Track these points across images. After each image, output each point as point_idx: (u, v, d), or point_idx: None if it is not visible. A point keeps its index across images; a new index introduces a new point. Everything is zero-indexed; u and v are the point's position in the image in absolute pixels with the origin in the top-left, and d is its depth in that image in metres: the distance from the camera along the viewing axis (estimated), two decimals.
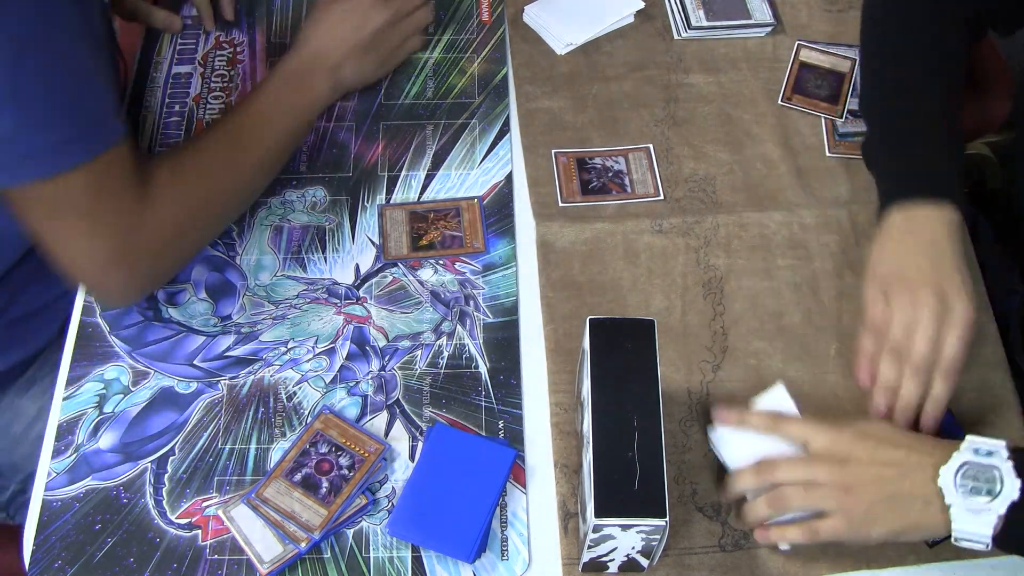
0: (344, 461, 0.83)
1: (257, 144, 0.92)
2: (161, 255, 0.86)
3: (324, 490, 0.81)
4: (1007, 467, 0.72)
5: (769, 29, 1.13)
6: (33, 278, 1.00)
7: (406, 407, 0.88)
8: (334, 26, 1.00)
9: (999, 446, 0.73)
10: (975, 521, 0.72)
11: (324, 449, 0.83)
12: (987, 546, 0.72)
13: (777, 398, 0.84)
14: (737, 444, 0.83)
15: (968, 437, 0.74)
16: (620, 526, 0.70)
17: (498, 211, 0.99)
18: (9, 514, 1.05)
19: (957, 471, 0.72)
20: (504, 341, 0.91)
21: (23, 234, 0.83)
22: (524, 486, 0.84)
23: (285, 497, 0.81)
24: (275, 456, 0.85)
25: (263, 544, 0.80)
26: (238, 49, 1.12)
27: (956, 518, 0.72)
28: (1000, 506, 0.71)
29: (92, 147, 0.78)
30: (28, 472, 1.00)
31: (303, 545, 0.79)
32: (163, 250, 0.86)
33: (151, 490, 0.84)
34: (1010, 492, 0.71)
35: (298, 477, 0.82)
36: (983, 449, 0.73)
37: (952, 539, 0.73)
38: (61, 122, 0.76)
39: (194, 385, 0.89)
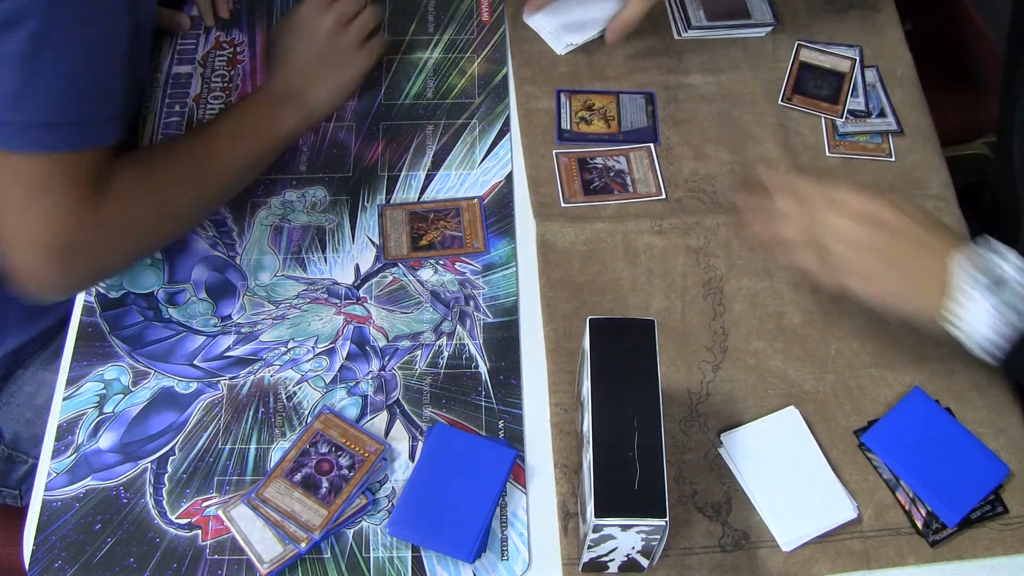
0: (344, 461, 0.83)
1: (221, 164, 0.92)
2: (103, 256, 0.85)
3: (324, 490, 0.81)
4: (1015, 267, 0.75)
5: (769, 29, 1.13)
6: None
7: (406, 407, 0.88)
8: (288, 50, 1.00)
9: (1013, 255, 0.76)
10: (970, 309, 0.76)
11: (324, 449, 0.83)
12: (973, 340, 0.77)
13: (788, 420, 0.85)
14: (750, 451, 0.84)
15: (987, 237, 0.78)
16: (620, 526, 0.70)
17: (498, 211, 0.99)
18: (20, 492, 1.05)
19: (969, 259, 0.76)
20: (504, 341, 0.91)
21: None
22: (524, 486, 0.84)
23: (285, 497, 0.81)
24: (275, 456, 0.85)
25: (263, 544, 0.80)
26: (238, 49, 1.12)
27: (954, 298, 0.76)
28: (997, 302, 0.75)
29: (78, 141, 0.78)
30: (25, 440, 1.01)
31: (303, 545, 0.79)
32: (107, 251, 0.85)
33: (151, 490, 0.84)
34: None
35: (298, 477, 0.82)
36: (1000, 250, 0.76)
37: (942, 319, 0.78)
38: (63, 104, 0.76)
39: (194, 385, 0.89)
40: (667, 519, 0.69)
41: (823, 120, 1.06)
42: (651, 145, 1.04)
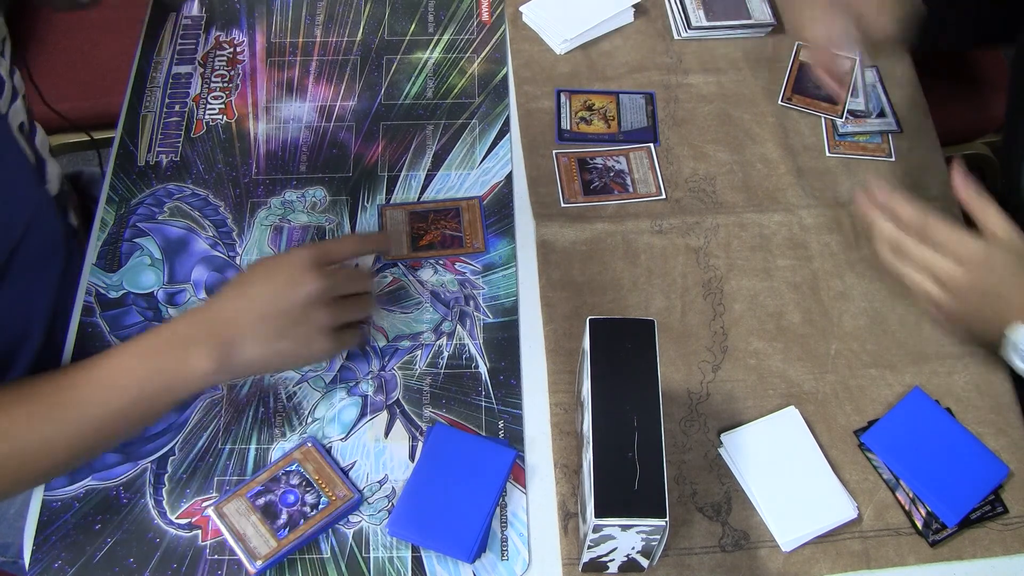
0: (310, 499, 0.81)
1: (83, 416, 0.74)
2: None
3: (281, 521, 0.80)
4: None
5: (769, 29, 1.13)
6: None
7: (406, 407, 0.88)
8: (244, 290, 0.80)
9: None
10: None
11: (295, 481, 0.82)
12: None
13: (788, 420, 0.85)
14: (750, 451, 0.84)
15: None
16: (620, 526, 0.70)
17: (498, 211, 0.99)
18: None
19: None
20: (504, 341, 0.91)
21: None
22: (524, 486, 0.84)
23: (241, 518, 0.80)
24: (275, 456, 0.85)
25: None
26: (238, 49, 1.12)
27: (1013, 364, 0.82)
28: None
29: None
30: (16, 546, 0.96)
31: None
32: None
33: (151, 490, 0.84)
34: None
35: (261, 501, 0.81)
36: None
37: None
38: None
39: None
40: (667, 519, 0.69)
41: (823, 120, 1.06)
42: (651, 145, 1.04)
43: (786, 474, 0.84)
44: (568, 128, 1.05)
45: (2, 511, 0.99)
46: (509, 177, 1.01)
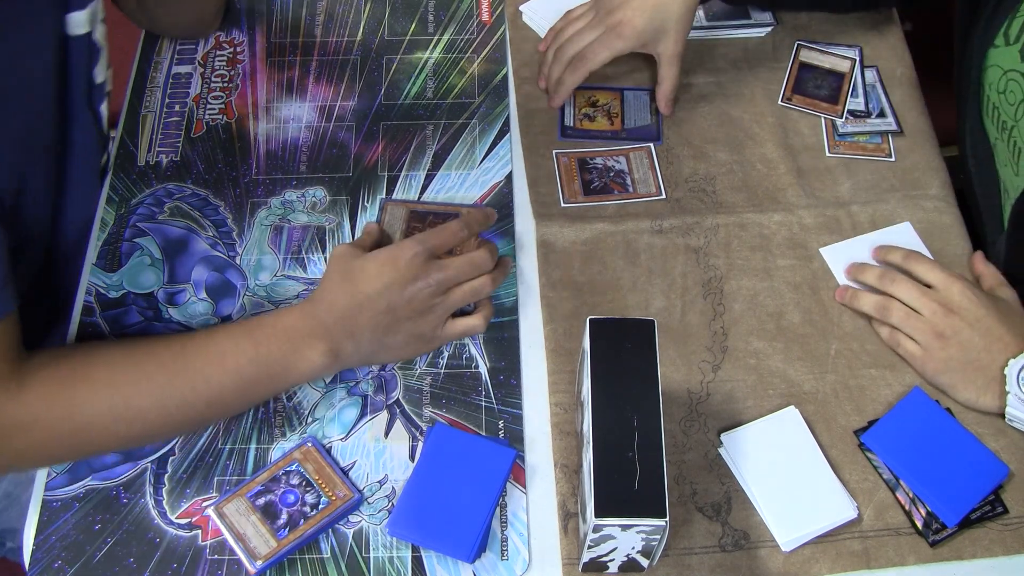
0: (310, 499, 0.81)
1: (191, 387, 0.76)
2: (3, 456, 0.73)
3: (281, 521, 0.80)
4: None
5: (769, 29, 1.13)
6: None
7: (406, 407, 0.88)
8: (359, 285, 0.81)
9: None
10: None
11: (295, 481, 0.82)
12: None
13: (788, 420, 0.85)
14: (750, 451, 0.84)
15: None
16: (620, 526, 0.70)
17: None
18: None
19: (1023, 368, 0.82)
20: (504, 341, 0.91)
21: None
22: (524, 486, 0.84)
23: (241, 518, 0.80)
24: (275, 455, 0.85)
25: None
26: (238, 49, 1.12)
27: (1011, 403, 0.83)
28: None
29: None
30: (16, 531, 0.97)
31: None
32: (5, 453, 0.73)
33: (151, 490, 0.84)
34: None
35: (261, 502, 0.81)
36: None
37: (1005, 418, 0.84)
38: None
39: None
40: (667, 519, 0.69)
41: (823, 120, 1.06)
42: (651, 145, 1.04)
43: (786, 474, 0.84)
44: (571, 125, 1.05)
45: (15, 496, 0.99)
46: (509, 177, 1.01)
